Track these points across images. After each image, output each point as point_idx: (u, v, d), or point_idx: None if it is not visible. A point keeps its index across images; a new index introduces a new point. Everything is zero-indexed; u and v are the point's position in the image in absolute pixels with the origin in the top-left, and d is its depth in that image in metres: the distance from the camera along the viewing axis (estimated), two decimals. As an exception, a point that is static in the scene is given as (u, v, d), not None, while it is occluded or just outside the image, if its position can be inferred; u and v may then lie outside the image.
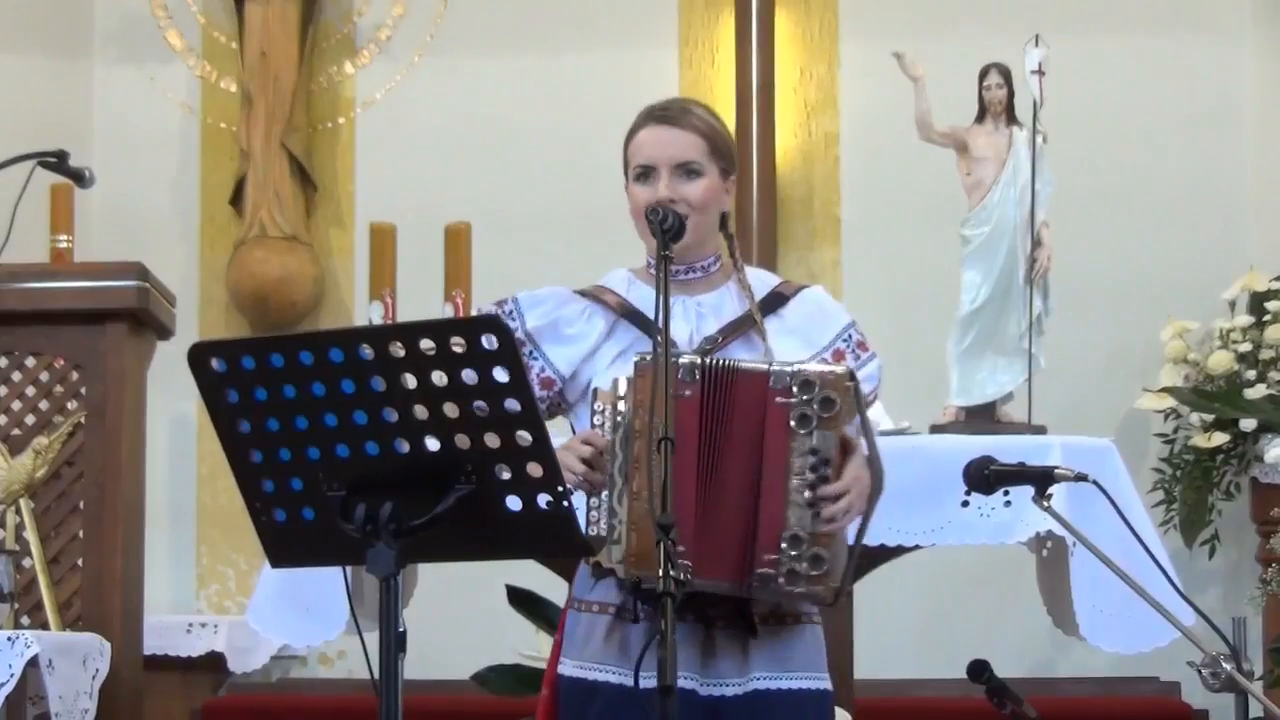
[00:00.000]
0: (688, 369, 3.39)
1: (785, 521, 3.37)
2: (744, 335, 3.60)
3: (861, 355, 3.64)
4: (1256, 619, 6.70)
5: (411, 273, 6.91)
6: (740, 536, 3.38)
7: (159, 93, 8.31)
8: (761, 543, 3.37)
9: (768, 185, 7.86)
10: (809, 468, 3.37)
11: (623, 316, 3.61)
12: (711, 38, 8.13)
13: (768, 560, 3.37)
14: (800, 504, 3.37)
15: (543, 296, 3.66)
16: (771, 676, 3.49)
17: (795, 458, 3.37)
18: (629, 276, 3.70)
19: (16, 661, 4.72)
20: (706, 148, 3.60)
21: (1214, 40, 7.92)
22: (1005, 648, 6.94)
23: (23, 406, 5.50)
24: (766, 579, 3.37)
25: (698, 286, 3.64)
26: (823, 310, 3.69)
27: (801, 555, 3.37)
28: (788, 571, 3.36)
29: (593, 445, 3.39)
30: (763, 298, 3.65)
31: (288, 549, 3.02)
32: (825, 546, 3.37)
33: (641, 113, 3.66)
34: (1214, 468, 7.33)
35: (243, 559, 8.01)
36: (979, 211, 5.90)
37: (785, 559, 3.36)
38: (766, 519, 3.37)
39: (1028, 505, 3.60)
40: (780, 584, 3.37)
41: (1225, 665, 3.39)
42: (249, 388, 2.89)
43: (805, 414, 3.37)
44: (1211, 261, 7.66)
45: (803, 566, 3.37)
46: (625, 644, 3.46)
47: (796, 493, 3.37)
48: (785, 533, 3.37)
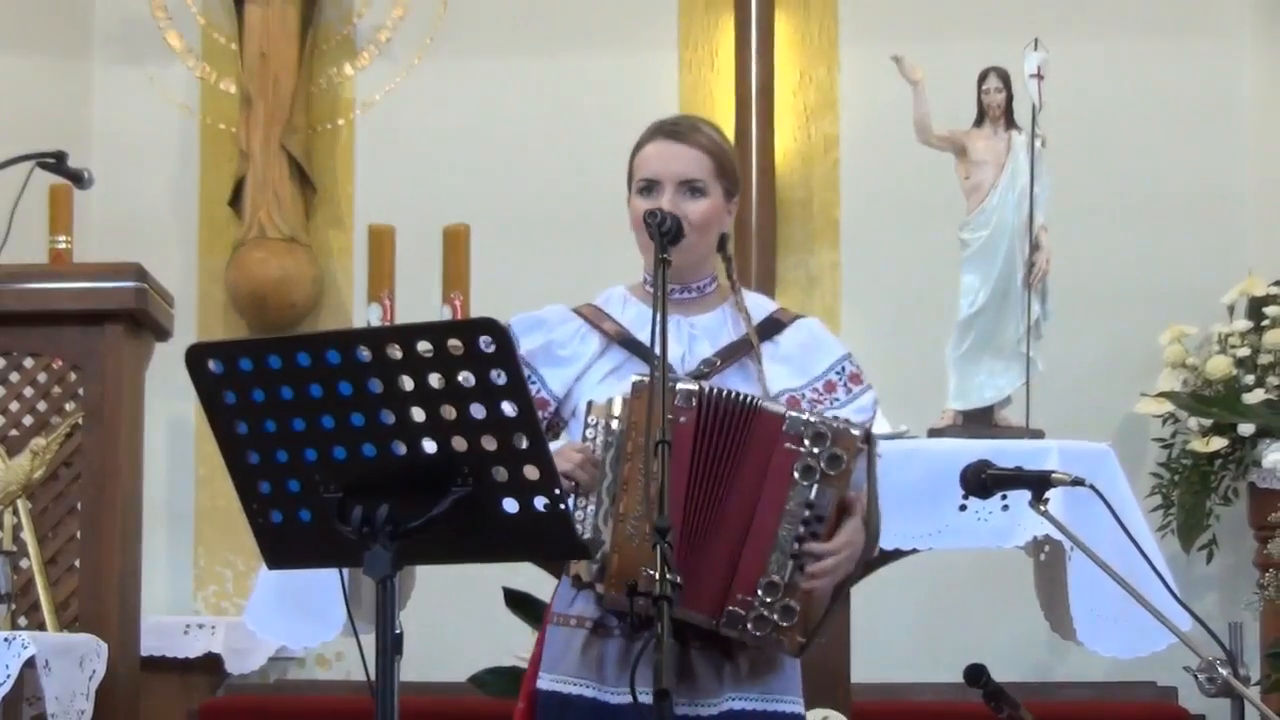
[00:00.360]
0: (684, 395, 3.37)
1: (766, 567, 3.37)
2: (739, 361, 3.59)
3: (854, 389, 3.62)
4: (1254, 624, 6.71)
5: (410, 274, 6.91)
6: (722, 572, 3.38)
7: (158, 94, 8.31)
8: (739, 582, 3.37)
9: (767, 188, 7.86)
10: (801, 520, 3.36)
11: (621, 345, 3.60)
12: (711, 41, 8.13)
13: (741, 600, 3.37)
14: (784, 552, 3.36)
15: (538, 320, 3.64)
16: (747, 698, 3.48)
17: (790, 506, 3.36)
18: (625, 294, 3.69)
19: (13, 662, 4.72)
20: (713, 167, 3.59)
21: (1213, 44, 7.92)
22: (1002, 652, 6.93)
23: (21, 407, 5.50)
24: (735, 619, 3.38)
25: (692, 307, 3.61)
26: (817, 341, 3.68)
27: (775, 604, 3.37)
28: (757, 616, 3.37)
29: (583, 453, 3.39)
30: (759, 322, 3.64)
31: (284, 550, 3.02)
32: (799, 600, 3.38)
33: (650, 127, 3.65)
34: (1212, 472, 7.33)
35: (240, 560, 8.01)
36: (977, 215, 5.90)
37: (758, 603, 3.37)
38: (749, 560, 3.37)
39: (1025, 509, 3.59)
40: (748, 627, 3.38)
41: (1222, 670, 3.38)
42: (246, 389, 2.89)
43: (810, 466, 3.37)
44: (1210, 266, 7.67)
45: (773, 615, 3.37)
46: (602, 659, 3.45)
47: (784, 541, 3.36)
48: (763, 578, 3.37)
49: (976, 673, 4.00)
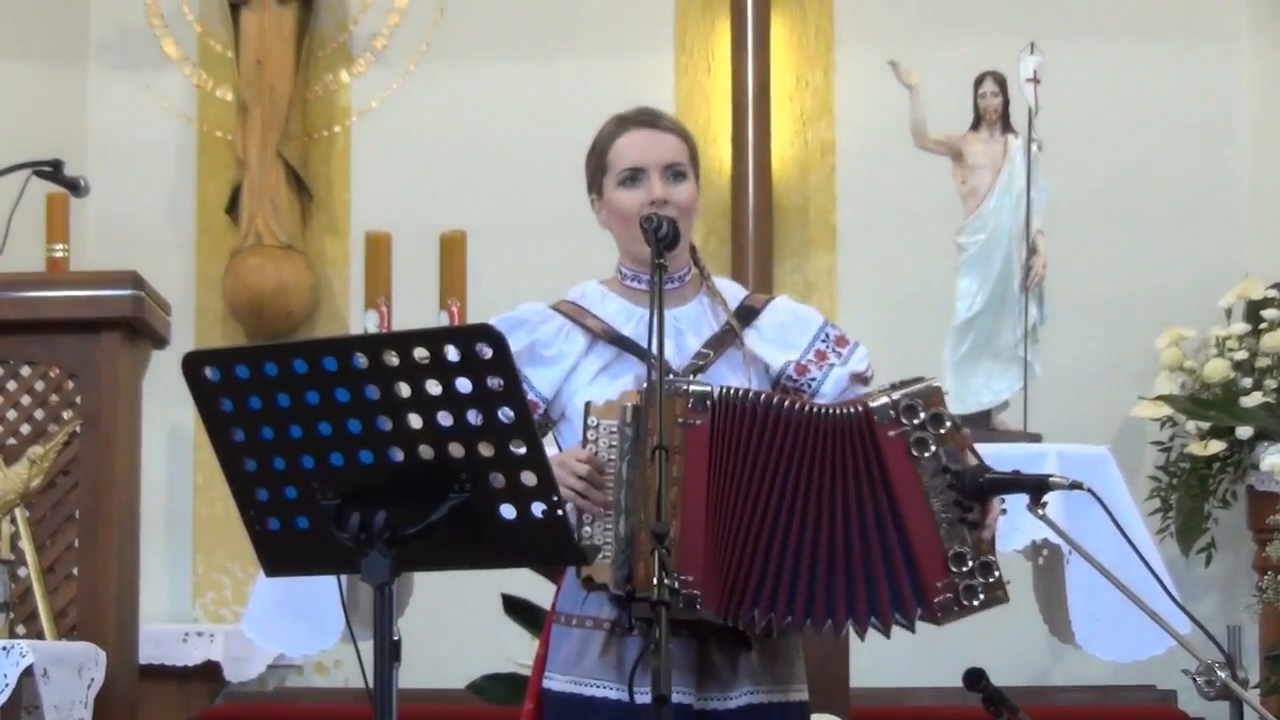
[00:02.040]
0: (699, 398, 3.35)
1: (941, 544, 3.37)
2: (726, 351, 3.59)
3: (843, 350, 3.66)
4: (1253, 626, 6.70)
5: (407, 281, 6.92)
6: (899, 573, 3.37)
7: (154, 101, 8.31)
8: (928, 573, 3.36)
9: (763, 193, 7.86)
10: (947, 485, 3.38)
11: (609, 342, 3.58)
12: (707, 45, 8.13)
13: (940, 587, 3.37)
14: (951, 522, 3.37)
15: (517, 320, 3.60)
16: (762, 689, 3.49)
17: (928, 480, 3.37)
18: (601, 289, 3.67)
19: (11, 671, 4.71)
20: (688, 151, 3.62)
21: (1210, 48, 7.92)
22: (1001, 656, 6.89)
23: (18, 415, 5.49)
24: (947, 606, 3.38)
25: (672, 299, 3.58)
26: (795, 315, 3.69)
27: (973, 570, 3.37)
28: (964, 588, 3.37)
29: (591, 465, 3.34)
30: (734, 310, 3.64)
31: (282, 558, 3.02)
32: (987, 552, 3.39)
33: (610, 122, 3.65)
34: (1210, 475, 7.33)
35: (239, 568, 8.00)
36: (974, 219, 5.91)
37: (957, 578, 3.37)
38: (922, 550, 3.36)
39: (1023, 513, 3.58)
40: (964, 604, 3.38)
41: (1220, 673, 3.38)
42: (243, 396, 2.89)
43: (921, 438, 3.38)
44: (1208, 269, 7.66)
45: (978, 579, 3.38)
46: (621, 659, 3.44)
47: (942, 515, 3.37)
48: (949, 553, 3.37)
49: (975, 676, 4.00)
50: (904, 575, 3.37)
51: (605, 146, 3.63)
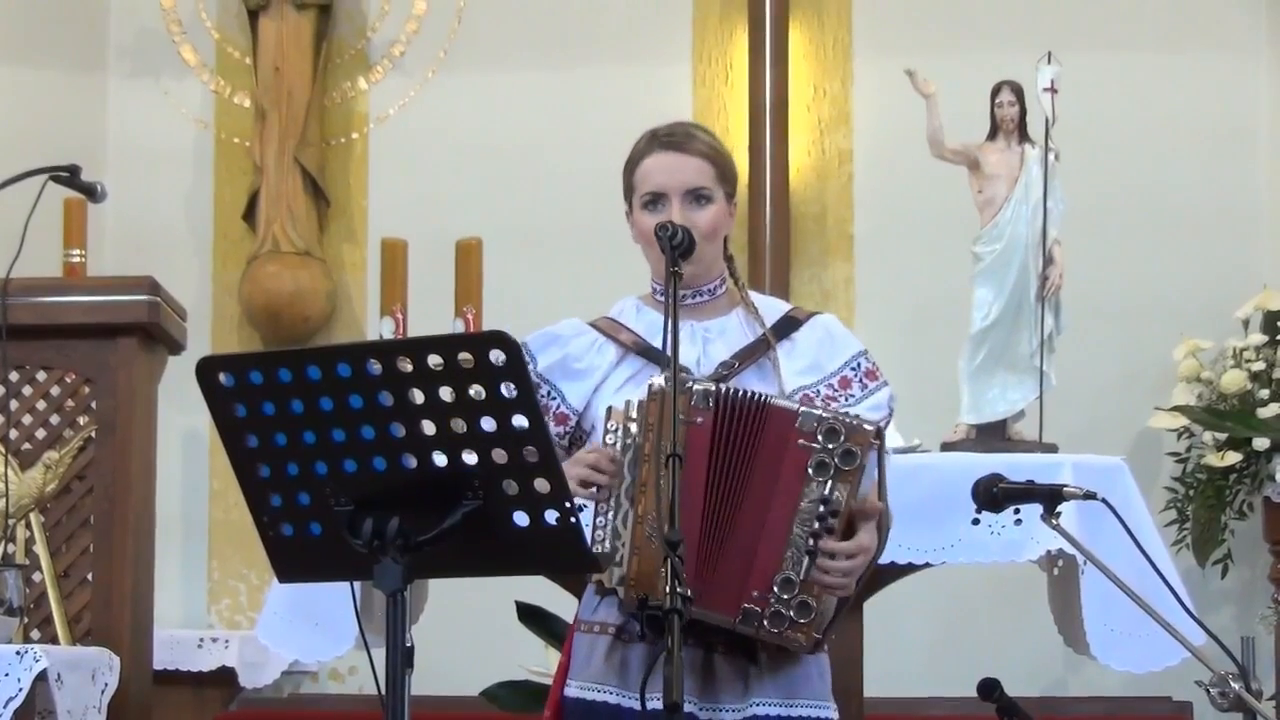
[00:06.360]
0: (701, 395, 3.37)
1: (781, 564, 3.36)
2: (757, 362, 3.59)
3: (870, 385, 3.63)
4: (1268, 638, 6.69)
5: (423, 288, 6.91)
6: (740, 571, 3.37)
7: (173, 108, 8.32)
8: (755, 580, 3.36)
9: (781, 202, 7.85)
10: (816, 516, 3.35)
11: (639, 354, 3.60)
12: (725, 54, 8.13)
13: (757, 597, 3.37)
14: (799, 549, 3.36)
15: (553, 335, 3.64)
16: (773, 703, 3.47)
17: (805, 503, 3.36)
18: (637, 304, 3.70)
19: (25, 676, 4.71)
20: (714, 173, 3.60)
21: (1228, 58, 7.90)
22: (1016, 666, 6.91)
23: (33, 420, 5.50)
24: (751, 616, 3.37)
25: (704, 311, 3.63)
26: (833, 337, 3.68)
27: (791, 600, 3.36)
28: (773, 613, 3.36)
29: (598, 453, 3.38)
30: (775, 322, 3.65)
31: (295, 564, 3.02)
32: (815, 596, 3.37)
33: (644, 138, 3.65)
34: (1227, 487, 7.31)
35: (254, 574, 8.01)
36: (991, 229, 5.90)
37: (774, 600, 3.36)
38: (764, 558, 3.36)
39: (1038, 524, 3.59)
40: (764, 624, 3.37)
41: (1235, 685, 3.38)
42: (257, 402, 2.89)
43: (823, 462, 3.35)
44: (1225, 280, 7.64)
45: (789, 611, 3.36)
46: (625, 665, 3.45)
47: (799, 538, 3.36)
48: (779, 575, 3.36)
49: (990, 687, 3.99)
50: (736, 570, 3.36)
51: (635, 165, 3.64)
